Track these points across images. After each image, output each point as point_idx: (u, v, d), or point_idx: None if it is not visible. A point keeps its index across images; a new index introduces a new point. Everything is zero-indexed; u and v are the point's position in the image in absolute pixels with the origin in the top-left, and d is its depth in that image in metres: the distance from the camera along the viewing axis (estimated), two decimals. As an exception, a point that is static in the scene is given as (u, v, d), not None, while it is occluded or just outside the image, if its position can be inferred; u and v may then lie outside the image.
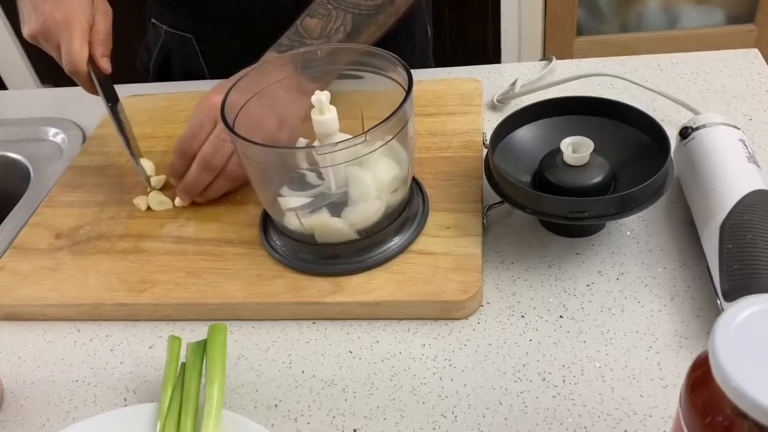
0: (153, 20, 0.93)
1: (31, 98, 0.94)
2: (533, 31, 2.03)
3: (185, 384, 0.49)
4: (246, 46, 0.66)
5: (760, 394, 0.30)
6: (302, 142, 0.62)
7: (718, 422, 0.32)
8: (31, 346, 0.58)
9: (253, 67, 0.60)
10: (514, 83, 0.77)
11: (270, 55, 0.66)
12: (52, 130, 0.85)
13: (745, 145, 0.57)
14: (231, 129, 0.51)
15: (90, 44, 0.66)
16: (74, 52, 0.64)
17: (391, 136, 0.53)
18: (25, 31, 0.67)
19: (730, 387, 0.31)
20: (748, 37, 1.99)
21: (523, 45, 2.06)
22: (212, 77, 0.90)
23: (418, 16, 0.95)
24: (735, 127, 0.59)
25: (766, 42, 1.97)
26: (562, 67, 0.80)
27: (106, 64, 0.67)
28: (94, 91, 0.68)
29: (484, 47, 2.08)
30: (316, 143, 0.57)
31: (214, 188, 0.65)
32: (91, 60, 0.66)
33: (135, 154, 0.68)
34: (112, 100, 0.68)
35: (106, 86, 0.68)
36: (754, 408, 0.30)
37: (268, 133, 0.60)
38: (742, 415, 0.31)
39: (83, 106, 0.87)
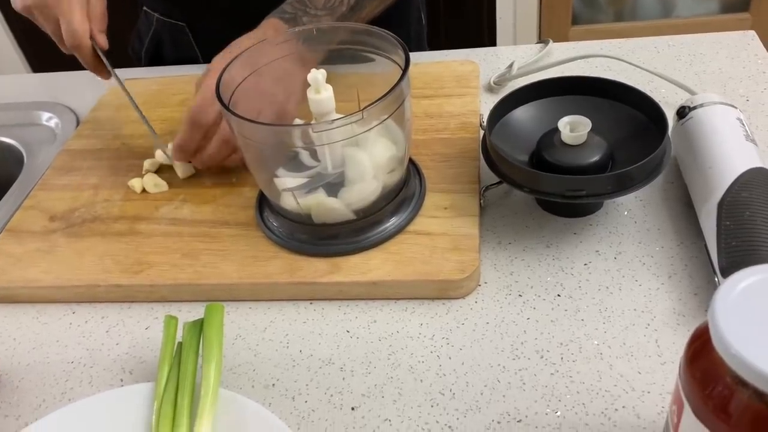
0: (144, 8, 0.93)
1: (24, 83, 0.94)
2: (528, 19, 2.03)
3: (182, 363, 0.48)
4: (240, 33, 0.66)
5: (760, 362, 0.30)
6: (298, 122, 0.62)
7: (718, 392, 0.32)
8: (26, 328, 0.58)
9: (249, 36, 0.58)
10: (511, 65, 0.76)
11: (270, 23, 0.65)
12: (45, 115, 0.84)
13: (743, 124, 0.57)
14: (227, 107, 0.51)
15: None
16: (75, 26, 0.63)
17: (387, 115, 0.52)
18: (19, 2, 0.65)
19: (731, 355, 0.30)
20: (742, 26, 1.99)
21: (518, 34, 2.05)
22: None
23: (412, 3, 0.94)
24: (732, 106, 0.59)
25: (760, 31, 1.96)
26: (559, 50, 0.79)
27: (103, 40, 0.66)
28: (97, 69, 0.67)
29: (479, 35, 2.08)
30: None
31: (228, 161, 0.64)
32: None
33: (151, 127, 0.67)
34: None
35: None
36: (754, 375, 0.30)
37: (278, 104, 0.59)
38: (742, 383, 0.31)
39: (76, 90, 0.86)
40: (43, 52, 1.39)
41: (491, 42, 2.07)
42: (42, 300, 0.59)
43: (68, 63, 0.94)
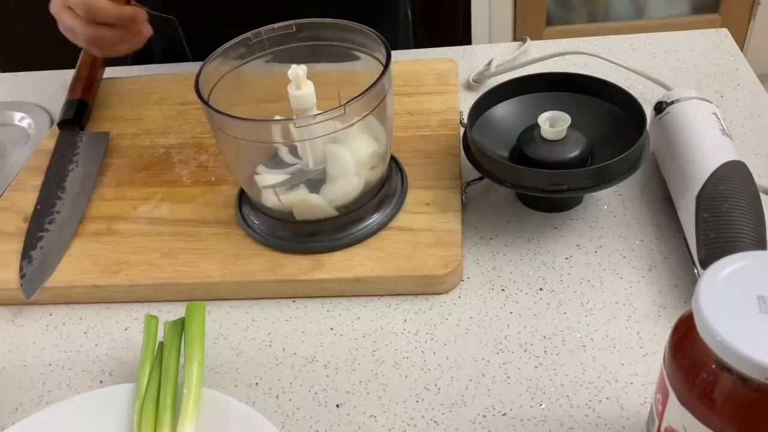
0: (132, 2, 0.91)
1: (-5, 83, 0.92)
2: (503, 20, 2.04)
3: (164, 363, 0.48)
4: (230, 27, 0.65)
5: (745, 347, 0.30)
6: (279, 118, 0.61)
7: (702, 378, 0.33)
8: (1, 331, 0.56)
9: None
10: (489, 63, 0.77)
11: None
12: (17, 115, 0.82)
13: (718, 119, 0.58)
14: (205, 102, 0.50)
15: None
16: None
17: (368, 111, 0.52)
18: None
19: (716, 342, 0.31)
20: (711, 27, 2.02)
21: (493, 35, 2.07)
22: (195, 59, 0.88)
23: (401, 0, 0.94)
24: (708, 101, 0.60)
25: (729, 31, 2.01)
26: (536, 48, 0.80)
27: None
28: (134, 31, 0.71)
29: (454, 37, 2.09)
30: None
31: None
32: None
33: None
34: None
35: None
36: (739, 360, 0.30)
37: None
38: (727, 369, 0.31)
39: (49, 89, 0.85)
40: (13, 52, 1.37)
41: (466, 43, 2.08)
42: (17, 302, 0.58)
43: (39, 62, 0.92)
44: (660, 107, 0.61)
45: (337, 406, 0.48)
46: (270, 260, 0.56)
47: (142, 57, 0.92)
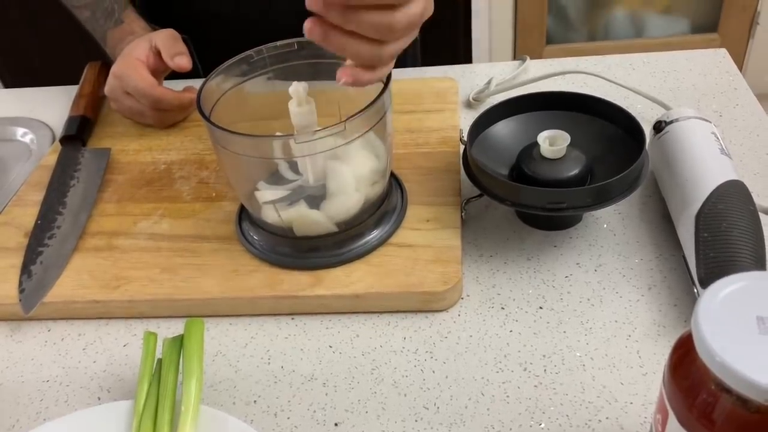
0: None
1: (-2, 98, 0.92)
2: (504, 39, 2.06)
3: (162, 380, 0.47)
4: (244, 46, 0.66)
5: (744, 368, 0.30)
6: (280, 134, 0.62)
7: (702, 399, 0.33)
8: (0, 347, 0.56)
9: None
10: (489, 82, 0.77)
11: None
12: (20, 131, 0.83)
13: (717, 138, 0.58)
14: (207, 118, 0.51)
15: (163, 59, 0.72)
16: (140, 86, 0.70)
17: (369, 127, 0.53)
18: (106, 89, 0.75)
19: (715, 362, 0.31)
20: (710, 46, 2.03)
21: (493, 53, 2.08)
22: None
23: None
24: (707, 120, 0.60)
25: (727, 50, 2.02)
26: (536, 67, 0.81)
27: (180, 61, 0.71)
28: (186, 108, 0.75)
29: (455, 55, 2.10)
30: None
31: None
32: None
33: None
34: None
35: None
36: (738, 381, 0.30)
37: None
38: (726, 390, 0.31)
39: (52, 105, 0.85)
40: (17, 68, 1.38)
41: (467, 62, 2.09)
42: (16, 317, 0.57)
43: (43, 78, 0.93)
44: (659, 126, 0.61)
45: (336, 424, 0.48)
46: (269, 276, 0.56)
47: None
